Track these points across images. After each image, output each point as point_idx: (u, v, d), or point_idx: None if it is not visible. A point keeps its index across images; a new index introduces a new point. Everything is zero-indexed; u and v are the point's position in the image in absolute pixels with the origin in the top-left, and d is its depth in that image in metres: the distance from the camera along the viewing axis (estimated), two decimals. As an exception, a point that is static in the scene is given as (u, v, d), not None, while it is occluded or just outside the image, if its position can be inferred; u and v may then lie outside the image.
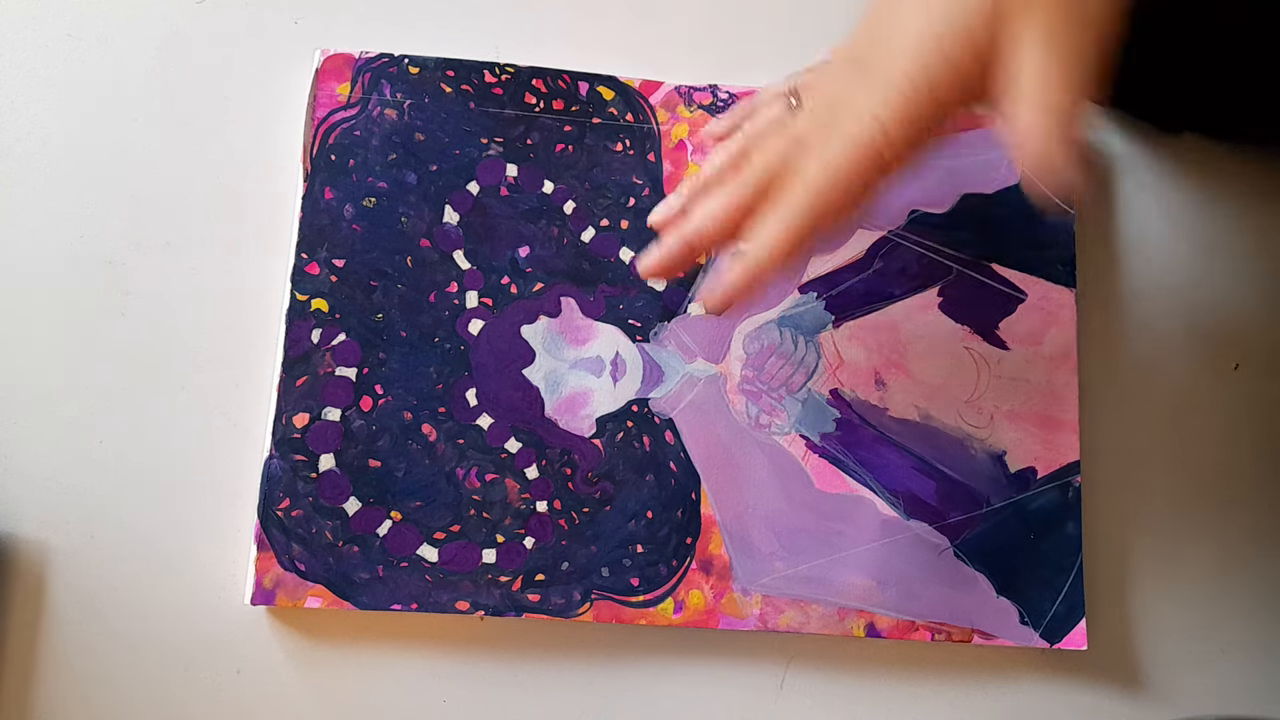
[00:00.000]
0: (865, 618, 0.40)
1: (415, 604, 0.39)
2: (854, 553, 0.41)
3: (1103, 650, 0.42)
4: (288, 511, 0.39)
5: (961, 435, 0.42)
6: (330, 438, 0.40)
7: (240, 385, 0.41)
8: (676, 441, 0.41)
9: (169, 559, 0.40)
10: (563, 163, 0.43)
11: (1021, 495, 0.42)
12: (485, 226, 0.42)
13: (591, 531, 0.40)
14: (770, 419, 0.42)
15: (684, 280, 0.43)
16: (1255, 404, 0.44)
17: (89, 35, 0.44)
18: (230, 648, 0.39)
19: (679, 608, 0.40)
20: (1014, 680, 0.41)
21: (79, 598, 0.39)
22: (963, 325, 0.43)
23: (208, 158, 0.43)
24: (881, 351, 0.43)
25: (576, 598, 0.40)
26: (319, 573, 0.39)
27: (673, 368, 0.42)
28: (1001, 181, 0.44)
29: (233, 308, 0.42)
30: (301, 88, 0.43)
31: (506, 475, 0.40)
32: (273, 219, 0.42)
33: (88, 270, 0.42)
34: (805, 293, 0.43)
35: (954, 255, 0.44)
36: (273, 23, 0.44)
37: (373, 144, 0.42)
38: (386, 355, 0.41)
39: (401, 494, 0.40)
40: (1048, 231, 0.44)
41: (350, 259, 0.41)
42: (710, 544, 0.40)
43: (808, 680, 0.41)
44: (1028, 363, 0.43)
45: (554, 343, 0.42)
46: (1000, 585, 0.41)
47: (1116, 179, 0.46)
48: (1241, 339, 0.45)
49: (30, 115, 0.43)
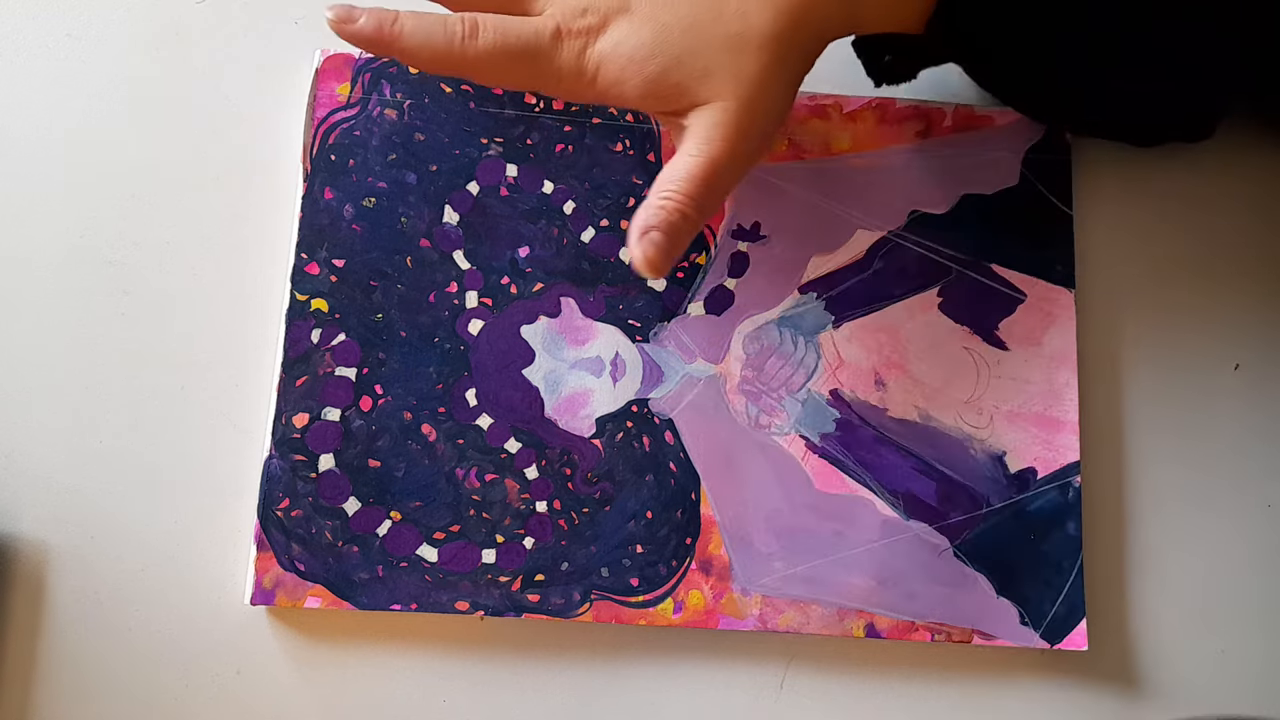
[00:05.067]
0: (865, 618, 0.40)
1: (415, 604, 0.39)
2: (854, 553, 0.41)
3: (1103, 650, 0.42)
4: (287, 511, 0.39)
5: (961, 436, 0.42)
6: (330, 438, 0.40)
7: (240, 385, 0.41)
8: (676, 442, 0.41)
9: (169, 559, 0.40)
10: (563, 163, 0.43)
11: (1021, 496, 0.42)
12: (485, 226, 0.42)
13: (591, 532, 0.40)
14: (770, 419, 0.42)
15: (684, 280, 0.43)
16: (1255, 404, 0.44)
17: (89, 35, 0.44)
18: (230, 648, 0.39)
19: (679, 608, 0.40)
20: (1014, 681, 0.41)
21: (79, 598, 0.39)
22: (962, 325, 0.43)
23: (208, 158, 0.43)
24: (881, 352, 0.43)
25: (576, 598, 0.40)
26: (319, 573, 0.39)
27: (672, 368, 0.42)
28: (1001, 181, 0.44)
29: (233, 308, 0.42)
30: (301, 88, 0.43)
31: (506, 475, 0.40)
32: (273, 219, 0.42)
33: (88, 270, 0.42)
34: (805, 293, 0.43)
35: (954, 255, 0.44)
36: (273, 23, 0.44)
37: (373, 144, 0.42)
38: (386, 355, 0.41)
39: (401, 494, 0.40)
40: (1048, 232, 0.44)
41: (350, 259, 0.41)
42: (710, 544, 0.40)
43: (808, 680, 0.41)
44: (1027, 363, 0.43)
45: (554, 343, 0.42)
46: (1000, 586, 0.41)
47: (1116, 179, 0.46)
48: (1241, 339, 0.45)
49: (30, 115, 0.43)
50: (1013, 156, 0.44)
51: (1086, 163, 0.45)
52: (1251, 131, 0.46)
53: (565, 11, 0.36)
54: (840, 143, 0.44)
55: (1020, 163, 0.44)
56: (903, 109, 0.44)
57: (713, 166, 0.35)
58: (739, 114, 0.35)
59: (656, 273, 0.34)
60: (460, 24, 0.35)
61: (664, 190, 0.35)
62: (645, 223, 0.35)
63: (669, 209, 0.35)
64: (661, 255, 0.35)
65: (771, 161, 0.44)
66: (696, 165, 0.35)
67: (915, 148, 0.44)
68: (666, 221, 0.35)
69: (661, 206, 0.35)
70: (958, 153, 0.44)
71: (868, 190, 0.44)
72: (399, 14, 0.35)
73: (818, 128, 0.44)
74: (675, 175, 0.35)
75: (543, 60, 0.35)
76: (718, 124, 0.35)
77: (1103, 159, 0.45)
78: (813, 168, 0.44)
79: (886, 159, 0.44)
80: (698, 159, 0.35)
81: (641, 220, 0.35)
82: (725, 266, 0.43)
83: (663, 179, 0.35)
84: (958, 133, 0.44)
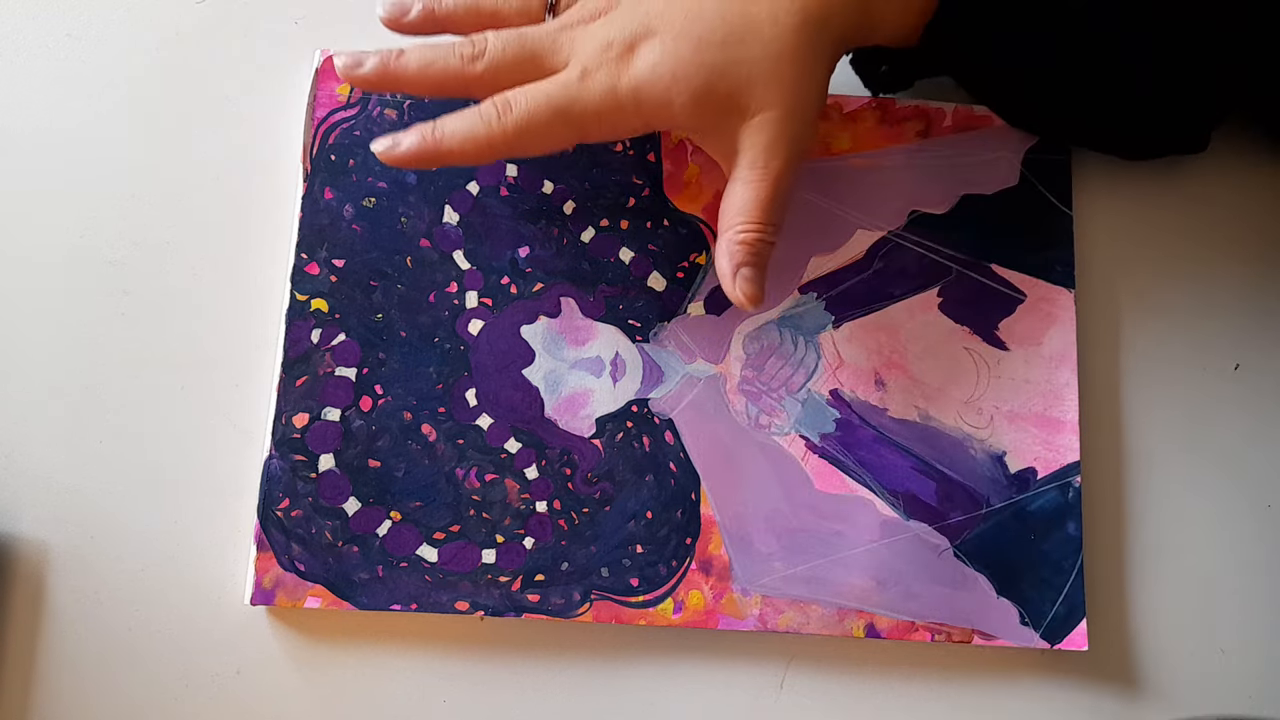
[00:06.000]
0: (865, 618, 0.40)
1: (415, 604, 0.39)
2: (854, 553, 0.41)
3: (1103, 650, 0.42)
4: (287, 511, 0.39)
5: (961, 436, 0.42)
6: (330, 438, 0.40)
7: (240, 385, 0.41)
8: (676, 442, 0.41)
9: (169, 559, 0.40)
10: (562, 163, 0.43)
11: (1021, 496, 0.42)
12: (485, 226, 0.42)
13: (591, 532, 0.40)
14: (770, 419, 0.42)
15: (684, 280, 0.43)
16: (1255, 404, 0.44)
17: (89, 35, 0.44)
18: (230, 648, 0.39)
19: (679, 608, 0.40)
20: (1014, 681, 0.41)
21: (79, 598, 0.39)
22: (962, 325, 0.43)
23: (208, 158, 0.43)
24: (881, 352, 0.43)
25: (576, 598, 0.40)
26: (319, 573, 0.39)
27: (672, 368, 0.42)
28: (1001, 181, 0.44)
29: (233, 308, 0.42)
30: (301, 88, 0.43)
31: (506, 475, 0.40)
32: (273, 219, 0.42)
33: (88, 270, 0.42)
34: (805, 293, 0.43)
35: (954, 255, 0.44)
36: (273, 23, 0.44)
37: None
38: (386, 355, 0.41)
39: (401, 494, 0.40)
40: (1048, 232, 0.44)
41: (350, 259, 0.41)
42: (710, 544, 0.40)
43: (808, 680, 0.41)
44: (1028, 363, 0.43)
45: (554, 343, 0.42)
46: (1000, 586, 0.41)
47: (1116, 180, 0.46)
48: (1241, 339, 0.45)
49: (30, 115, 0.43)
50: (1013, 156, 0.44)
51: (1086, 163, 0.45)
52: (1250, 132, 0.46)
53: (587, 52, 0.36)
54: (840, 143, 0.44)
55: (1020, 163, 0.44)
56: (903, 109, 0.44)
57: (777, 186, 0.36)
58: (787, 124, 0.36)
59: (758, 305, 0.36)
60: (492, 106, 0.36)
61: (740, 225, 0.36)
62: (737, 262, 0.36)
63: (752, 240, 0.36)
64: (758, 288, 0.36)
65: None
66: (765, 190, 0.36)
67: (915, 148, 0.44)
68: (755, 254, 0.36)
69: (744, 242, 0.36)
70: (958, 153, 0.44)
71: (868, 190, 0.44)
72: (435, 122, 0.36)
73: (818, 128, 0.44)
74: (746, 204, 0.36)
75: (578, 106, 0.35)
76: (771, 140, 0.36)
77: (1103, 159, 0.45)
78: (813, 168, 0.44)
79: (886, 159, 0.44)
80: (763, 183, 0.36)
81: (732, 261, 0.36)
82: (725, 266, 0.43)
83: (734, 210, 0.36)
84: (958, 133, 0.44)
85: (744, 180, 0.36)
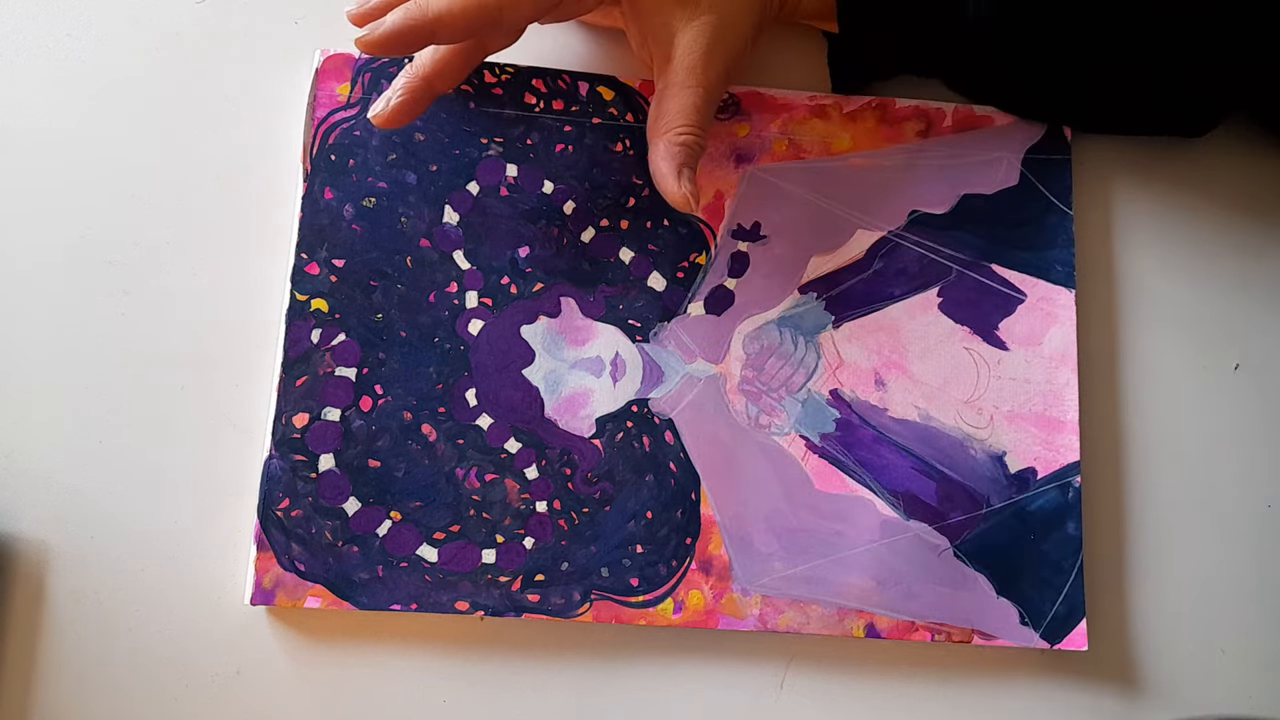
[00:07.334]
0: (865, 618, 0.40)
1: (415, 604, 0.39)
2: (854, 553, 0.41)
3: (1103, 650, 0.42)
4: (287, 511, 0.39)
5: (961, 436, 0.42)
6: (330, 438, 0.40)
7: (240, 385, 0.41)
8: (676, 442, 0.41)
9: (169, 559, 0.40)
10: (562, 163, 0.43)
11: (1021, 496, 0.42)
12: (485, 226, 0.42)
13: (591, 532, 0.40)
14: (770, 419, 0.42)
15: (684, 280, 0.43)
16: (1255, 404, 0.44)
17: (89, 35, 0.44)
18: (230, 648, 0.39)
19: (679, 608, 0.40)
20: (1014, 681, 0.41)
21: (79, 598, 0.39)
22: (963, 325, 0.43)
23: (208, 158, 0.43)
24: (881, 352, 0.43)
25: (576, 598, 0.40)
26: (319, 573, 0.39)
27: (672, 368, 0.42)
28: (1001, 181, 0.44)
29: (233, 308, 0.42)
30: (301, 88, 0.43)
31: (506, 475, 0.40)
32: (273, 219, 0.42)
33: (88, 270, 0.42)
34: (805, 293, 0.43)
35: (954, 255, 0.44)
36: (273, 23, 0.44)
37: (373, 144, 0.42)
38: (386, 355, 0.41)
39: (401, 494, 0.40)
40: (1048, 232, 0.44)
41: (350, 259, 0.41)
42: (710, 544, 0.40)
43: (808, 680, 0.41)
44: (1028, 363, 0.43)
45: (554, 343, 0.42)
46: (1000, 586, 0.41)
47: (1116, 179, 0.46)
48: (1241, 339, 0.45)
49: (30, 115, 0.43)
50: (1013, 156, 0.44)
51: (1086, 163, 0.45)
52: (1250, 132, 0.46)
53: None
54: (840, 143, 0.44)
55: (1020, 163, 0.44)
56: (903, 109, 0.44)
57: (711, 94, 0.38)
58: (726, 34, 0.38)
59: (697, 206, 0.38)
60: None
61: (681, 127, 0.38)
62: (679, 162, 0.37)
63: (691, 143, 0.38)
64: (696, 188, 0.38)
65: (771, 161, 0.44)
66: (700, 96, 0.38)
67: (915, 148, 0.44)
68: (693, 156, 0.38)
69: (684, 144, 0.38)
70: (958, 153, 0.44)
71: (868, 190, 0.44)
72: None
73: (818, 128, 0.44)
74: (685, 108, 0.38)
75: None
76: (709, 48, 0.38)
77: (1103, 159, 0.45)
78: (813, 168, 0.44)
79: (886, 159, 0.44)
80: (700, 88, 0.38)
81: (674, 161, 0.37)
82: (725, 266, 0.43)
83: (673, 113, 0.38)
84: (958, 133, 0.45)
85: (682, 84, 0.38)
